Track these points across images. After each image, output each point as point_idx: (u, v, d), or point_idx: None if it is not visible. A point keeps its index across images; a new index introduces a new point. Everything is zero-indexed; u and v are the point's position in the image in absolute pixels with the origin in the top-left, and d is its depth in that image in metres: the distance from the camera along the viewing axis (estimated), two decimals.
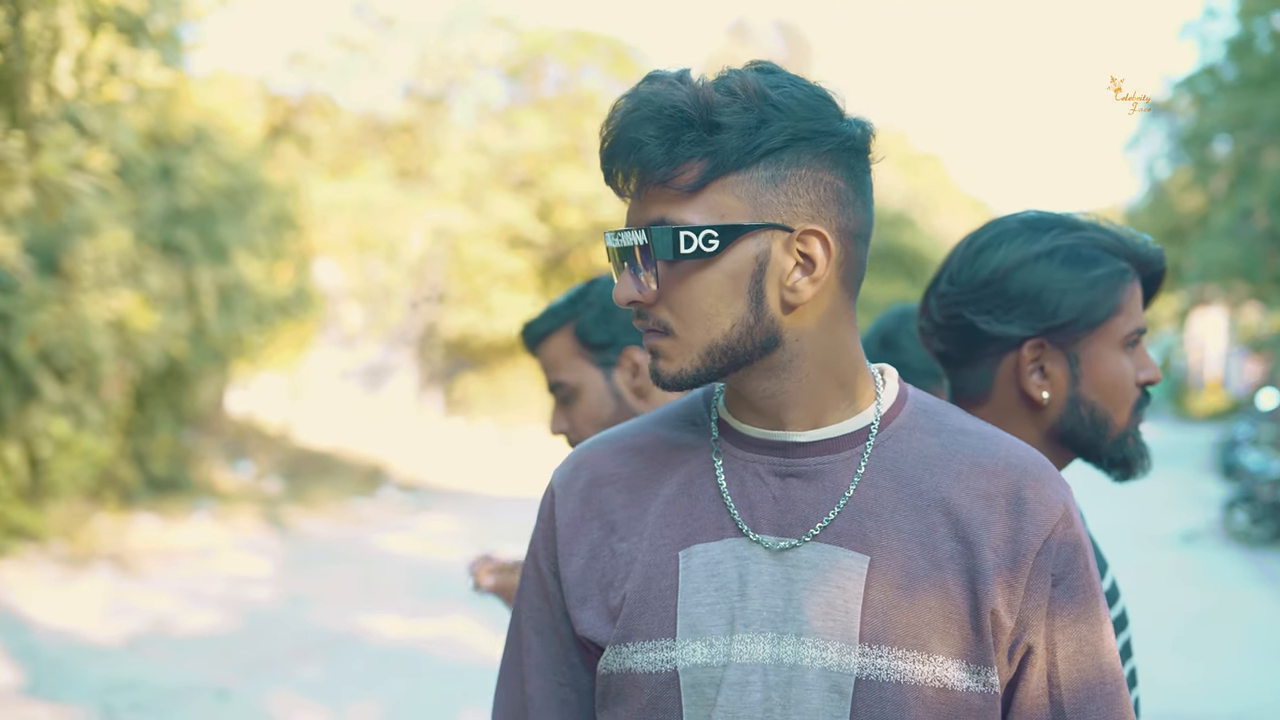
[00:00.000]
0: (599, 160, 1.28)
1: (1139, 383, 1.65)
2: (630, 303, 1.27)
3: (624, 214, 1.33)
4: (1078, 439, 1.65)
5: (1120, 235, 1.66)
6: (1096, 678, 1.29)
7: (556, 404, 2.24)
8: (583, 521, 1.36)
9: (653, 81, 1.26)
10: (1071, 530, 1.29)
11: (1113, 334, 1.62)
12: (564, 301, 2.24)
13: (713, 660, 1.26)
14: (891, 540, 1.27)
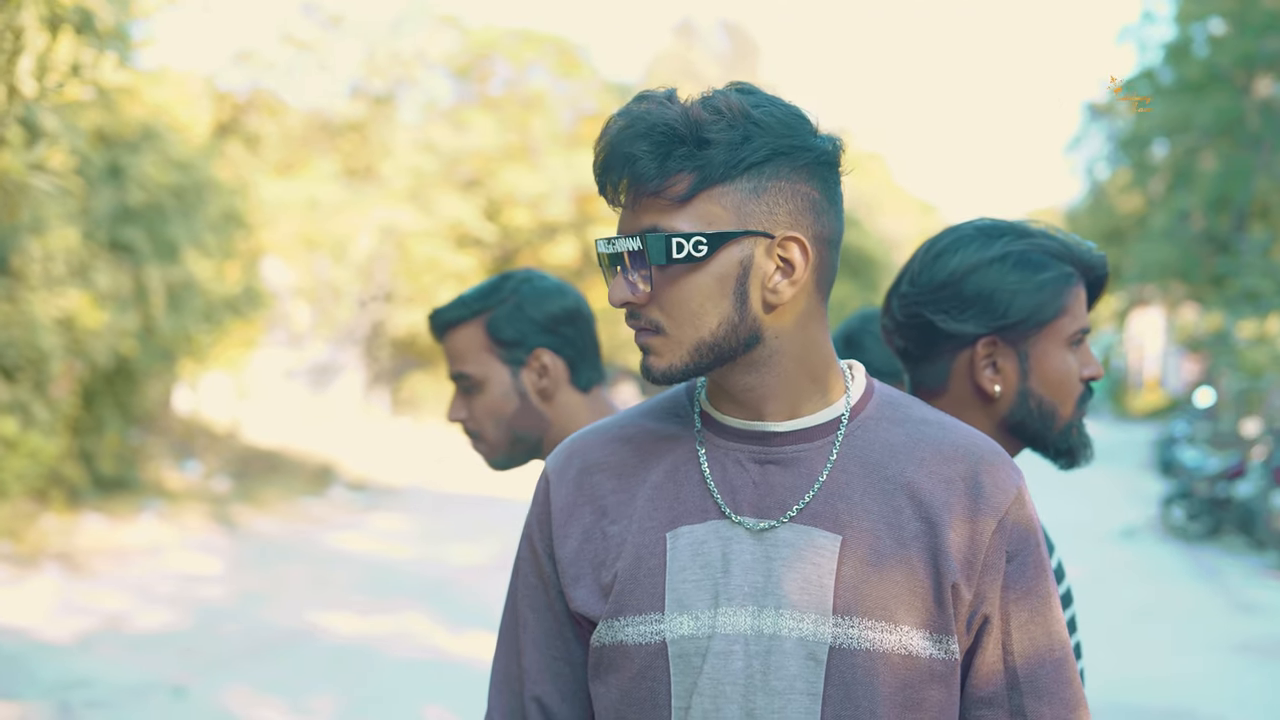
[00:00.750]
0: (593, 173, 1.39)
1: (1083, 378, 1.78)
2: (624, 304, 1.38)
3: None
4: (1026, 429, 1.78)
5: (1066, 242, 1.79)
6: (1046, 646, 1.41)
7: (458, 393, 2.23)
8: (576, 506, 1.47)
9: (643, 101, 1.37)
10: (1024, 512, 1.42)
11: (1059, 333, 1.75)
12: (476, 294, 2.22)
13: (698, 632, 1.38)
14: (861, 521, 1.39)
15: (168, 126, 13.80)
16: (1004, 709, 1.41)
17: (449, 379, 2.23)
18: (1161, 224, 32.68)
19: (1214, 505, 14.53)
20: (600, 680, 1.44)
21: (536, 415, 2.20)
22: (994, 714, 1.41)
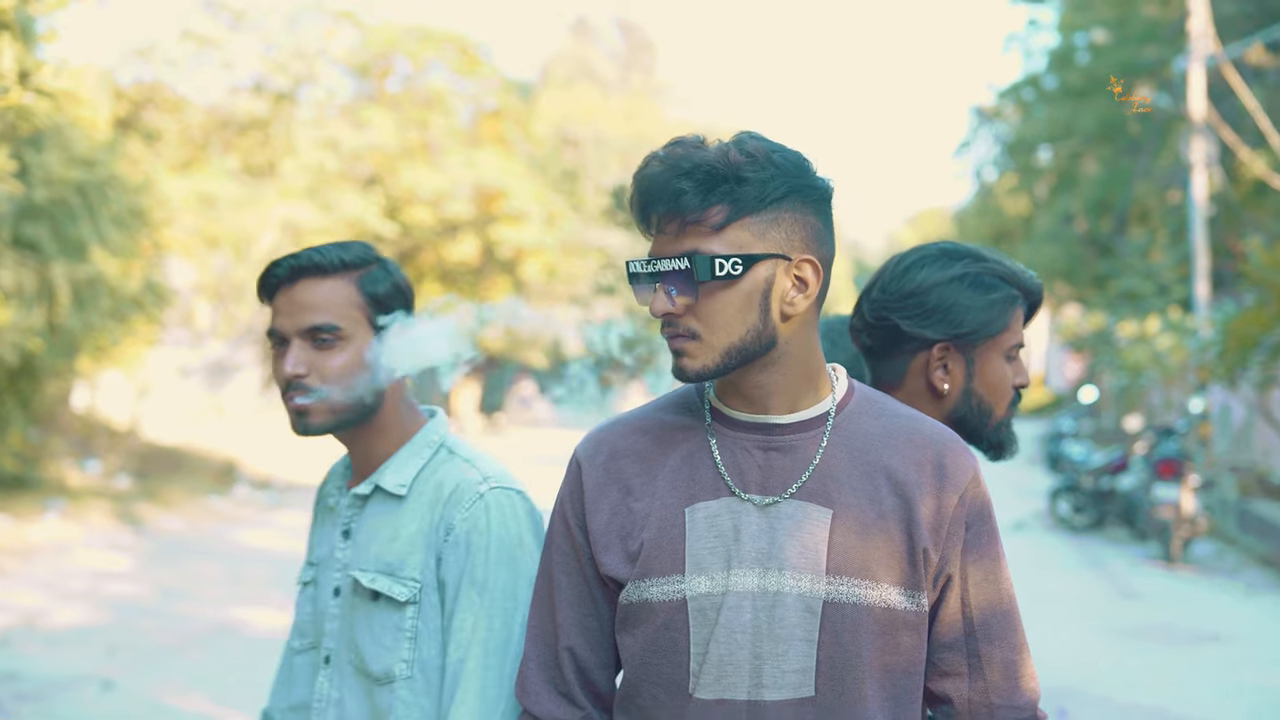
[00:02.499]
0: (632, 204, 1.66)
1: (1014, 385, 2.11)
2: (665, 314, 1.64)
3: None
4: (966, 424, 2.09)
5: (1014, 269, 2.12)
6: (997, 599, 1.72)
7: (299, 346, 2.03)
8: (605, 486, 1.75)
9: (680, 145, 1.65)
10: (980, 489, 1.73)
11: (1001, 345, 2.08)
12: (344, 249, 2.07)
13: (714, 590, 1.66)
14: (848, 497, 1.68)
15: (70, 122, 13.69)
16: (962, 651, 1.71)
17: (297, 334, 2.02)
18: (1046, 227, 33.62)
19: (1098, 498, 15.14)
20: (628, 632, 1.72)
21: (380, 387, 2.08)
22: (954, 655, 1.71)
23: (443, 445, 2.09)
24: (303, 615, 2.14)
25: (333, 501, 2.15)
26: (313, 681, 2.10)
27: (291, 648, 2.17)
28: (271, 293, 2.07)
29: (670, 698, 1.67)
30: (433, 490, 2.03)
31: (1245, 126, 22.53)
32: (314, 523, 2.21)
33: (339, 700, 2.01)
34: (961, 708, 1.72)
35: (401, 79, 28.80)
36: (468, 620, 1.95)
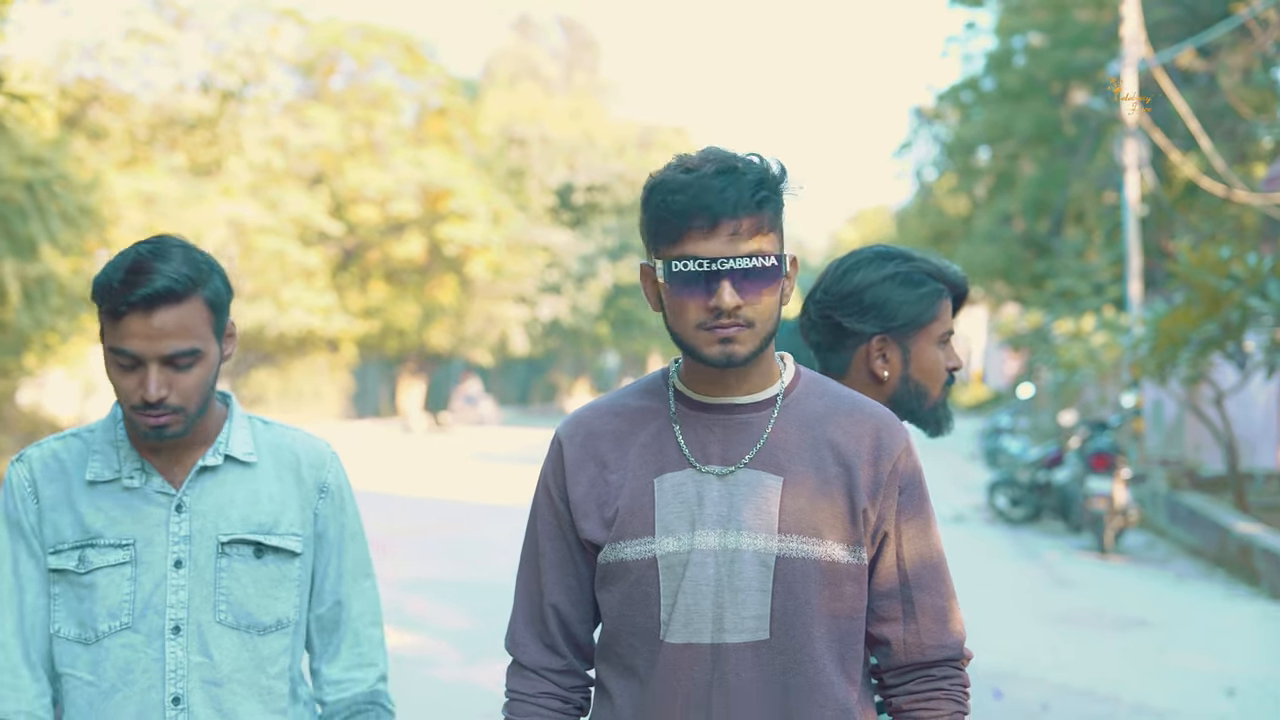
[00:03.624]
0: (685, 209, 1.85)
1: (948, 368, 2.39)
2: (736, 307, 1.85)
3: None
4: (905, 405, 2.37)
5: (939, 265, 2.41)
6: (927, 553, 1.98)
7: (159, 369, 2.06)
8: (583, 462, 1.99)
9: (726, 155, 1.90)
10: (911, 458, 1.99)
11: (932, 334, 2.36)
12: (186, 265, 2.09)
13: (680, 549, 1.90)
14: (797, 466, 1.93)
15: (17, 119, 13.73)
16: (897, 599, 1.97)
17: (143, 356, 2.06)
18: (985, 227, 34.12)
19: (1035, 491, 15.53)
20: (606, 589, 1.97)
21: (216, 380, 2.20)
22: (891, 603, 1.97)
23: (250, 416, 2.30)
24: (115, 596, 2.13)
25: (134, 482, 2.16)
26: (133, 658, 2.13)
27: (64, 635, 2.15)
28: (119, 313, 2.07)
29: (644, 644, 1.92)
30: (281, 454, 2.24)
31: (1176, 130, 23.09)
32: (80, 508, 2.16)
33: (203, 662, 2.12)
34: (898, 648, 1.97)
35: (346, 77, 28.84)
36: (348, 563, 2.27)
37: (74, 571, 2.14)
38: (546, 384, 45.31)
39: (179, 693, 2.12)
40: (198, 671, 2.13)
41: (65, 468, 2.20)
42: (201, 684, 2.13)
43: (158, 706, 2.11)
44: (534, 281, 32.99)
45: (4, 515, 2.20)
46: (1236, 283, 11.88)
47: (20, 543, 2.18)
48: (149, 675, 2.12)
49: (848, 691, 1.92)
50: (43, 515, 2.18)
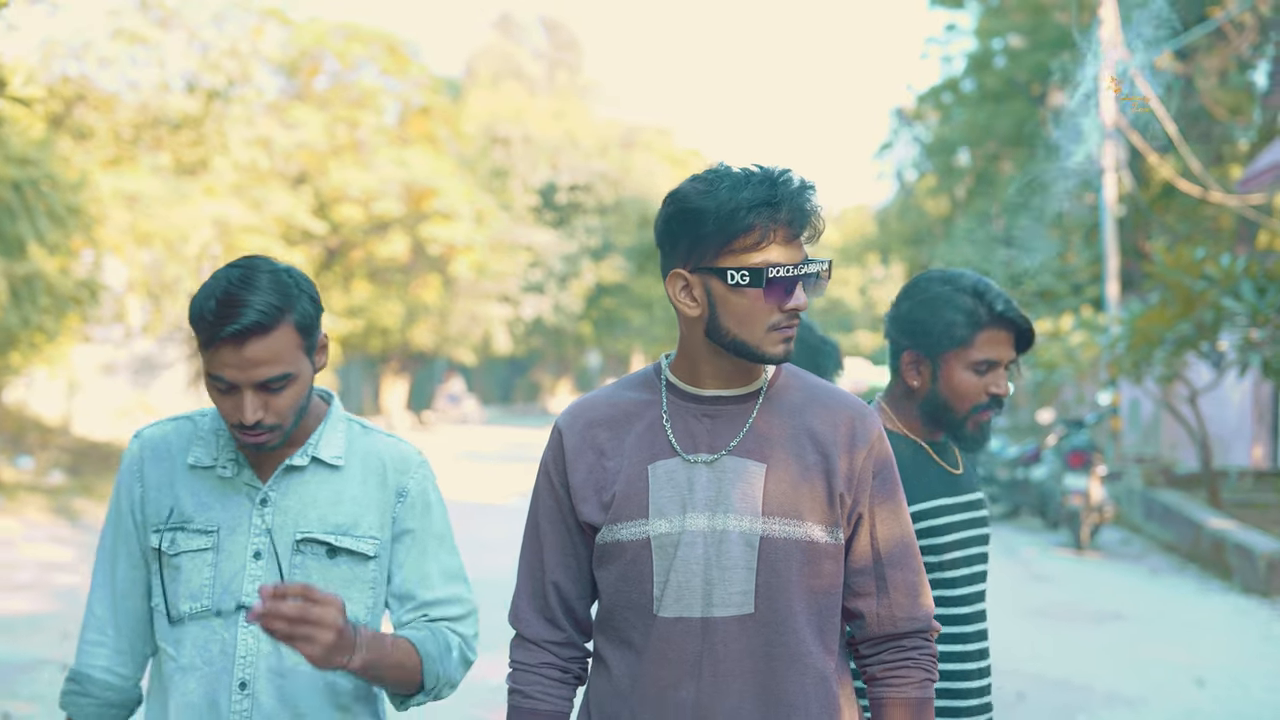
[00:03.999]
0: (785, 216, 2.01)
1: (989, 393, 2.59)
2: (803, 308, 2.04)
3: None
4: (933, 417, 2.63)
5: (992, 300, 2.60)
6: (899, 534, 2.15)
7: (256, 392, 2.16)
8: (581, 450, 2.15)
9: (775, 171, 2.03)
10: (884, 445, 2.15)
11: (964, 358, 2.58)
12: (274, 293, 2.15)
13: (672, 530, 2.06)
14: (778, 454, 2.09)
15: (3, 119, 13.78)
16: (871, 575, 2.13)
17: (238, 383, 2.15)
18: (965, 227, 34.35)
19: (1013, 488, 15.74)
20: (603, 567, 2.13)
21: (311, 391, 2.29)
22: (865, 579, 2.13)
23: (350, 420, 2.39)
24: (197, 580, 2.24)
25: (227, 473, 2.27)
26: (210, 640, 2.23)
27: (159, 610, 2.27)
28: (214, 343, 2.14)
29: (639, 618, 2.08)
30: (370, 460, 2.33)
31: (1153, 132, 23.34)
32: (178, 491, 2.28)
33: (272, 652, 2.23)
34: (871, 621, 2.14)
35: (330, 77, 28.88)
36: (431, 567, 2.31)
37: (166, 552, 2.27)
38: (529, 383, 45.41)
39: (246, 678, 2.22)
40: (266, 661, 2.23)
41: (171, 450, 2.32)
42: (268, 673, 2.22)
43: (226, 690, 2.21)
44: (517, 281, 33.09)
45: (116, 487, 2.36)
46: (1210, 283, 12.09)
47: (123, 516, 2.33)
48: (222, 659, 2.22)
49: (826, 661, 2.09)
50: (147, 494, 2.30)
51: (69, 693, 2.34)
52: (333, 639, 1.97)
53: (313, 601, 1.95)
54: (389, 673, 2.14)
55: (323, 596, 1.97)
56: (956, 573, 2.64)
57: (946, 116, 36.03)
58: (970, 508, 2.68)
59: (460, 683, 2.28)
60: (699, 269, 2.04)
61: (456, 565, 2.34)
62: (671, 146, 41.07)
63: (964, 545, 2.65)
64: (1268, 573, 9.99)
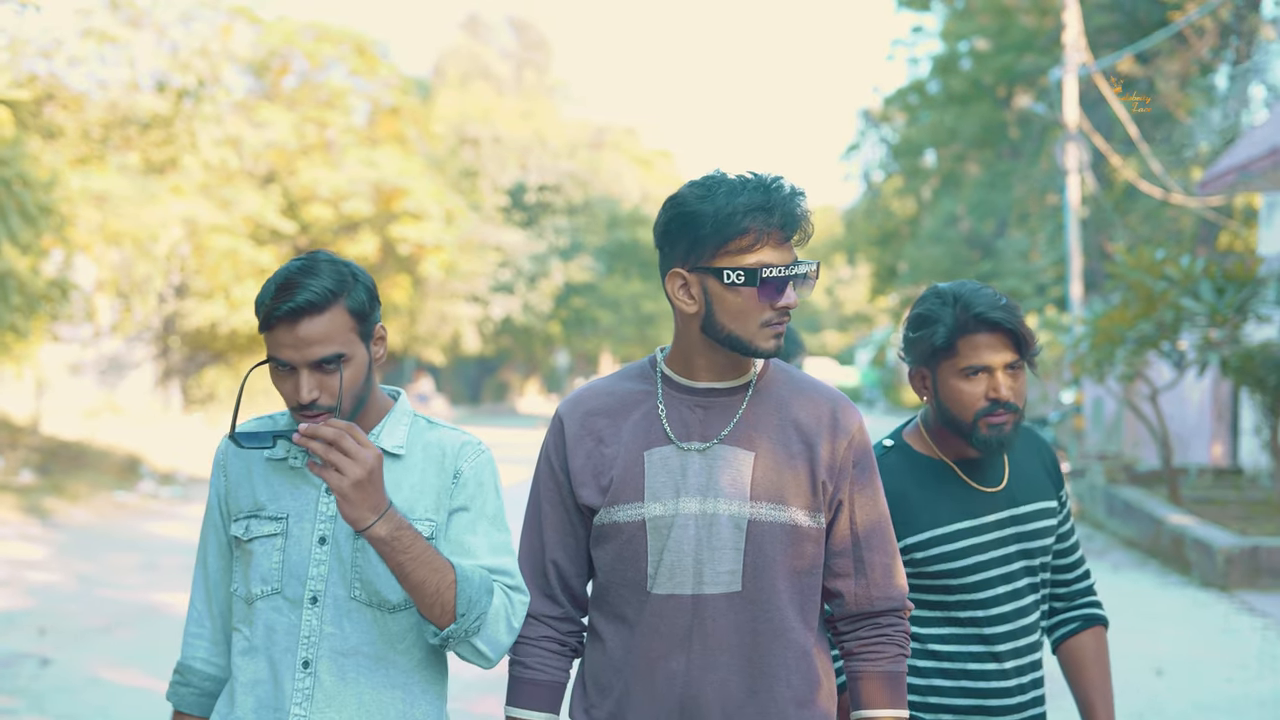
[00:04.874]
0: (778, 220, 2.15)
1: (988, 398, 2.59)
2: (794, 306, 2.18)
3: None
4: (947, 424, 2.64)
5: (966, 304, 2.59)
6: (876, 518, 2.30)
7: (309, 373, 2.27)
8: (581, 437, 2.29)
9: (769, 179, 2.18)
10: (863, 435, 2.30)
11: (952, 367, 2.60)
12: (330, 277, 2.29)
13: (666, 513, 2.21)
14: (765, 443, 2.24)
15: None
16: (849, 557, 2.28)
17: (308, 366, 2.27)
18: (931, 227, 34.66)
19: None
20: (600, 547, 2.28)
21: (372, 381, 2.39)
22: (844, 560, 2.28)
23: (416, 415, 2.50)
24: (267, 564, 2.37)
25: (298, 464, 2.39)
26: (277, 621, 2.35)
27: (238, 594, 2.41)
28: (271, 323, 2.29)
29: (633, 594, 2.23)
30: (430, 449, 2.42)
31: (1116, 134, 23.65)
32: (255, 482, 2.42)
33: (334, 633, 2.33)
34: (849, 599, 2.29)
35: (298, 76, 28.87)
36: (481, 541, 2.36)
37: (242, 539, 2.40)
38: (498, 383, 45.45)
39: (309, 658, 2.32)
40: (329, 641, 2.33)
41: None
42: (330, 653, 2.32)
43: (290, 668, 2.32)
44: (486, 281, 33.15)
45: (210, 483, 2.51)
46: (1171, 284, 12.34)
47: (212, 509, 2.49)
48: (287, 639, 2.34)
49: (806, 636, 2.24)
50: (229, 487, 2.45)
51: (175, 684, 2.48)
52: (362, 476, 2.07)
53: (354, 438, 2.07)
54: (417, 569, 2.18)
55: (365, 439, 2.10)
56: (987, 593, 2.63)
57: (913, 118, 36.33)
58: (1009, 524, 2.67)
59: (506, 648, 2.30)
60: (697, 268, 2.18)
61: (506, 542, 2.39)
62: (640, 147, 41.22)
63: (997, 564, 2.64)
64: (1226, 567, 10.22)
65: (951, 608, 2.62)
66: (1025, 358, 2.61)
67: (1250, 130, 16.57)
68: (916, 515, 2.60)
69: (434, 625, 2.24)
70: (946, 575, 2.60)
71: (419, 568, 2.18)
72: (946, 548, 2.60)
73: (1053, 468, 2.78)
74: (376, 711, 2.33)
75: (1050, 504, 2.72)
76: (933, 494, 2.63)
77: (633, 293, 37.19)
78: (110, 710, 6.55)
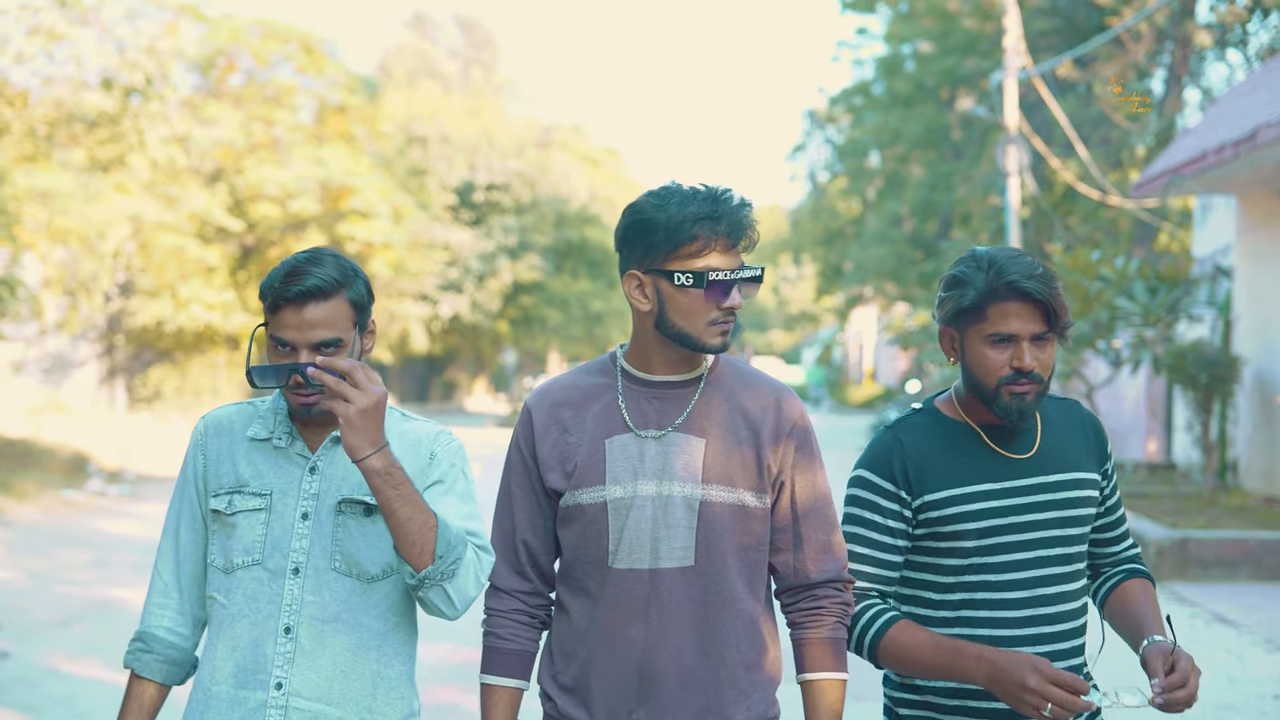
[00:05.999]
0: (725, 228, 2.36)
1: (1012, 367, 2.54)
2: (738, 306, 2.38)
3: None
4: (971, 389, 2.64)
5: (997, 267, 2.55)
6: (816, 496, 2.52)
7: (310, 354, 2.45)
8: (548, 426, 2.50)
9: (720, 190, 2.39)
10: (805, 422, 2.52)
11: (980, 333, 2.59)
12: (334, 268, 2.49)
13: (625, 495, 2.42)
14: (715, 430, 2.45)
15: None
16: (790, 533, 2.50)
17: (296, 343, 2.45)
18: (876, 228, 35.01)
19: None
20: (565, 527, 2.49)
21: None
22: (785, 536, 2.50)
23: (392, 408, 2.67)
24: (250, 536, 2.54)
25: (281, 444, 2.58)
26: (259, 590, 2.52)
27: (215, 564, 2.57)
28: (277, 306, 2.49)
29: (596, 569, 2.45)
30: (407, 436, 2.61)
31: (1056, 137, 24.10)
32: (237, 460, 2.59)
33: (315, 601, 2.52)
34: (790, 572, 2.51)
35: (244, 74, 28.80)
36: (452, 510, 2.54)
37: (224, 512, 2.57)
38: (446, 381, 45.47)
39: (290, 624, 2.50)
40: (309, 609, 2.51)
41: (233, 427, 2.64)
42: (310, 619, 2.51)
43: (272, 633, 2.51)
44: (434, 279, 33.19)
45: (182, 462, 2.68)
46: (1106, 284, 12.70)
47: (187, 486, 2.65)
48: (269, 606, 2.52)
49: (754, 606, 2.47)
50: (208, 465, 2.62)
51: (134, 650, 2.64)
52: (369, 404, 2.29)
53: (364, 373, 2.30)
54: (404, 506, 2.36)
55: (375, 377, 2.32)
56: (1003, 558, 2.60)
57: (858, 119, 36.69)
58: (1034, 492, 2.63)
59: (471, 600, 2.47)
60: (650, 270, 2.41)
61: (475, 512, 2.57)
62: (587, 145, 41.31)
63: (1016, 530, 2.61)
64: (1158, 559, 10.56)
65: (964, 571, 2.61)
66: (1055, 329, 2.57)
67: (1182, 134, 17.01)
68: (934, 474, 2.61)
69: (412, 566, 2.40)
70: (961, 536, 2.59)
71: (405, 505, 2.36)
72: (963, 508, 2.59)
73: (1096, 442, 2.73)
74: (352, 671, 2.52)
75: (1087, 476, 2.67)
76: (954, 456, 2.63)
77: (581, 291, 37.34)
78: (73, 702, 6.67)
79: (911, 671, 2.57)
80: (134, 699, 2.62)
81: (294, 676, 2.51)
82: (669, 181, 2.46)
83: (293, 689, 2.50)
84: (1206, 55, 23.36)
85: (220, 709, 2.53)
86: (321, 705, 2.51)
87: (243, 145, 26.41)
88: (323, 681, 2.51)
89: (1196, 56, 23.15)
